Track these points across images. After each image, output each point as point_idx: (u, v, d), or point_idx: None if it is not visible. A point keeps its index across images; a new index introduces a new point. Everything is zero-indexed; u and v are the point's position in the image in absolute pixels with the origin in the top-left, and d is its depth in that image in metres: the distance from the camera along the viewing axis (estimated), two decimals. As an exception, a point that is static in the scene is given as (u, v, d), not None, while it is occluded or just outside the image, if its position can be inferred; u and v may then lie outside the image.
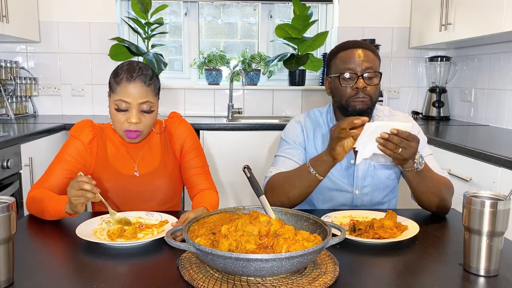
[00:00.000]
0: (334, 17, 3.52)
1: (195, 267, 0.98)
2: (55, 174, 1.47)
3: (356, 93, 1.47)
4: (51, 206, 1.31)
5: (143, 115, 1.45)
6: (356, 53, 1.49)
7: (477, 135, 2.56)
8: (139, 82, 1.42)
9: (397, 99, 3.51)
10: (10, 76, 3.12)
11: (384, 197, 1.58)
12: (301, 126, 1.62)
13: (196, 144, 1.61)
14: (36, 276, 0.97)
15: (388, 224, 1.19)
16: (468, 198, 0.99)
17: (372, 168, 1.54)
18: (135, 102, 1.42)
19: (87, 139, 1.50)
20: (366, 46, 1.52)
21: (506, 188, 1.70)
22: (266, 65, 3.48)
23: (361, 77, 1.46)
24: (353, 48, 1.50)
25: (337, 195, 1.57)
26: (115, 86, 1.43)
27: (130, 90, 1.41)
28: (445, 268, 1.03)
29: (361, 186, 1.55)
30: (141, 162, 1.54)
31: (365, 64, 1.47)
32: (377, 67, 1.51)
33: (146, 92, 1.43)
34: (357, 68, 1.47)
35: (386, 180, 1.56)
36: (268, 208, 1.10)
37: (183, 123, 1.61)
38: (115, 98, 1.43)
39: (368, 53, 1.49)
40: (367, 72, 1.46)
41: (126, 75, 1.42)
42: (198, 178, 1.58)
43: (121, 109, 1.43)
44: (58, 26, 3.28)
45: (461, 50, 3.26)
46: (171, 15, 3.58)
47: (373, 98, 1.48)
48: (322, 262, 1.01)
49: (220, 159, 2.85)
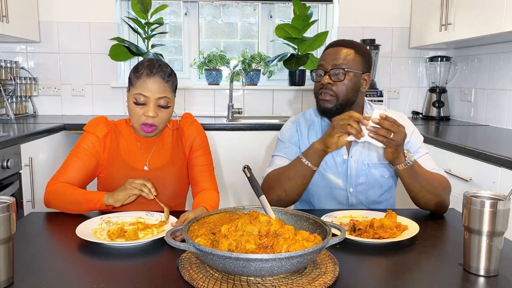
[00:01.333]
0: (334, 17, 3.52)
1: (195, 267, 0.98)
2: (71, 168, 1.52)
3: (321, 88, 1.50)
4: (87, 197, 1.39)
5: (160, 110, 1.50)
6: (331, 51, 1.51)
7: (477, 135, 2.56)
8: (158, 77, 1.48)
9: (397, 99, 3.51)
10: (10, 76, 3.12)
11: (380, 195, 1.59)
12: (295, 125, 1.64)
13: (205, 143, 1.67)
14: (36, 276, 0.97)
15: (388, 224, 1.19)
16: (468, 198, 0.99)
17: (365, 167, 1.55)
18: (153, 97, 1.47)
19: (102, 134, 1.55)
20: (346, 44, 1.52)
21: (506, 188, 1.70)
22: (266, 65, 3.48)
23: (327, 74, 1.48)
24: (332, 47, 1.53)
25: (333, 192, 1.58)
26: (135, 80, 1.49)
27: (149, 85, 1.47)
28: (445, 268, 1.03)
29: (355, 184, 1.56)
30: (152, 157, 1.59)
31: (334, 61, 1.48)
32: (353, 65, 1.49)
33: (164, 88, 1.49)
34: (326, 65, 1.49)
35: (380, 179, 1.56)
36: (268, 208, 1.10)
37: (194, 124, 1.68)
38: (134, 92, 1.48)
39: (345, 50, 1.49)
40: (334, 69, 1.47)
41: (146, 70, 1.48)
42: (201, 175, 1.62)
43: (139, 103, 1.48)
44: (58, 26, 3.28)
45: (461, 50, 3.26)
46: (171, 15, 3.58)
47: (339, 95, 1.48)
48: (322, 262, 1.01)
49: (220, 159, 2.85)
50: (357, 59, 1.50)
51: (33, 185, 2.32)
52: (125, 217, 1.34)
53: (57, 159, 2.62)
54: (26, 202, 2.30)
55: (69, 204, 1.40)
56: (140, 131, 1.54)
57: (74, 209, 1.40)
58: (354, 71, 1.49)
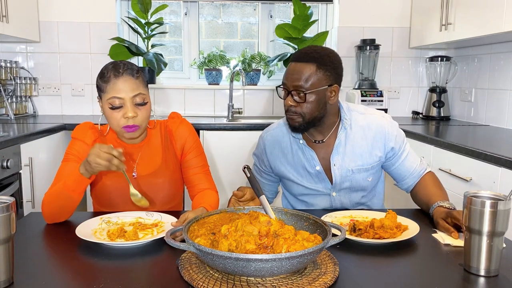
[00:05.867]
0: (334, 17, 3.52)
1: (195, 267, 0.98)
2: (65, 175, 1.44)
3: (287, 110, 1.47)
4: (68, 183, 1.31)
5: (138, 109, 1.44)
6: (292, 67, 1.44)
7: (477, 135, 2.56)
8: (127, 76, 1.42)
9: (397, 99, 3.51)
10: (10, 76, 3.12)
11: (362, 197, 1.59)
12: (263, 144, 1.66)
13: (197, 143, 1.62)
14: (36, 276, 0.97)
15: (388, 224, 1.19)
16: (469, 198, 0.99)
17: (350, 173, 1.53)
18: (128, 97, 1.41)
19: (90, 140, 1.50)
20: (309, 58, 1.42)
21: (506, 188, 1.70)
22: (266, 65, 3.48)
23: (290, 94, 1.44)
24: (293, 62, 1.45)
25: (316, 198, 1.58)
26: (104, 85, 1.43)
27: (120, 86, 1.41)
28: (445, 268, 1.03)
29: (339, 189, 1.56)
30: (141, 163, 1.53)
31: (294, 82, 1.41)
32: (315, 82, 1.41)
33: (136, 85, 1.43)
34: (288, 85, 1.44)
35: (362, 182, 1.55)
36: (268, 208, 1.10)
37: (184, 123, 1.61)
38: (107, 97, 1.42)
39: (305, 67, 1.41)
40: (295, 90, 1.42)
41: (112, 72, 1.42)
42: (198, 178, 1.58)
43: (115, 107, 1.42)
44: (58, 26, 3.28)
45: (461, 50, 3.26)
46: (171, 15, 3.58)
47: (305, 115, 1.44)
48: (322, 262, 1.01)
49: (220, 159, 2.85)
50: (319, 74, 1.41)
51: (33, 185, 2.32)
52: (125, 217, 1.34)
53: (57, 159, 2.61)
54: (26, 202, 2.30)
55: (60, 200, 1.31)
56: (123, 135, 1.47)
57: (69, 206, 1.32)
58: (316, 90, 1.41)
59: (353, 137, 1.52)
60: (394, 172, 1.58)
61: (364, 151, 1.52)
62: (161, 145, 1.57)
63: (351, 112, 1.55)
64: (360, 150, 1.52)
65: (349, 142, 1.52)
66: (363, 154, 1.52)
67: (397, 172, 1.56)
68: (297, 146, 1.56)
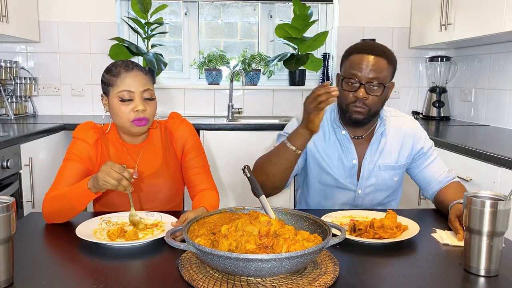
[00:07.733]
0: (334, 17, 3.52)
1: (195, 267, 0.98)
2: (67, 173, 1.44)
3: (355, 101, 1.46)
4: (73, 193, 1.29)
5: (146, 103, 1.47)
6: (366, 60, 1.44)
7: (477, 135, 2.56)
8: (138, 71, 1.46)
9: (397, 99, 3.51)
10: (10, 76, 3.12)
11: (385, 197, 1.59)
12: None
13: (197, 143, 1.62)
14: (36, 276, 0.97)
15: (388, 224, 1.19)
16: (469, 198, 0.99)
17: (377, 169, 1.55)
18: (138, 91, 1.44)
19: (92, 140, 1.49)
20: (381, 53, 1.45)
21: (506, 188, 1.70)
22: (266, 65, 3.48)
23: (363, 87, 1.44)
24: (365, 54, 1.45)
25: (340, 192, 1.58)
26: (114, 79, 1.44)
27: (130, 80, 1.44)
28: (445, 268, 1.03)
29: (365, 186, 1.56)
30: (142, 163, 1.53)
31: (372, 74, 1.43)
32: (386, 76, 1.46)
33: (146, 80, 1.47)
34: (362, 76, 1.44)
35: (389, 181, 1.57)
36: (268, 208, 1.10)
37: (184, 123, 1.62)
38: (117, 90, 1.44)
39: (380, 61, 1.44)
40: (370, 83, 1.44)
41: (123, 67, 1.45)
42: (198, 178, 1.58)
43: (125, 100, 1.44)
44: (58, 26, 3.28)
45: (461, 50, 3.26)
46: (171, 15, 3.58)
47: (372, 109, 1.47)
48: (322, 262, 1.01)
49: (220, 159, 2.85)
50: (390, 69, 1.46)
51: (33, 185, 2.32)
52: (125, 217, 1.33)
53: (57, 159, 2.61)
54: (26, 202, 2.30)
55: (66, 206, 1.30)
56: (130, 130, 1.47)
57: (70, 213, 1.32)
58: (387, 84, 1.47)
59: (386, 136, 1.56)
60: (419, 176, 1.58)
61: (393, 150, 1.56)
62: (161, 145, 1.57)
63: (387, 111, 1.60)
64: (390, 148, 1.56)
65: (383, 140, 1.56)
66: (392, 152, 1.56)
67: (423, 175, 1.57)
68: (335, 136, 1.57)
